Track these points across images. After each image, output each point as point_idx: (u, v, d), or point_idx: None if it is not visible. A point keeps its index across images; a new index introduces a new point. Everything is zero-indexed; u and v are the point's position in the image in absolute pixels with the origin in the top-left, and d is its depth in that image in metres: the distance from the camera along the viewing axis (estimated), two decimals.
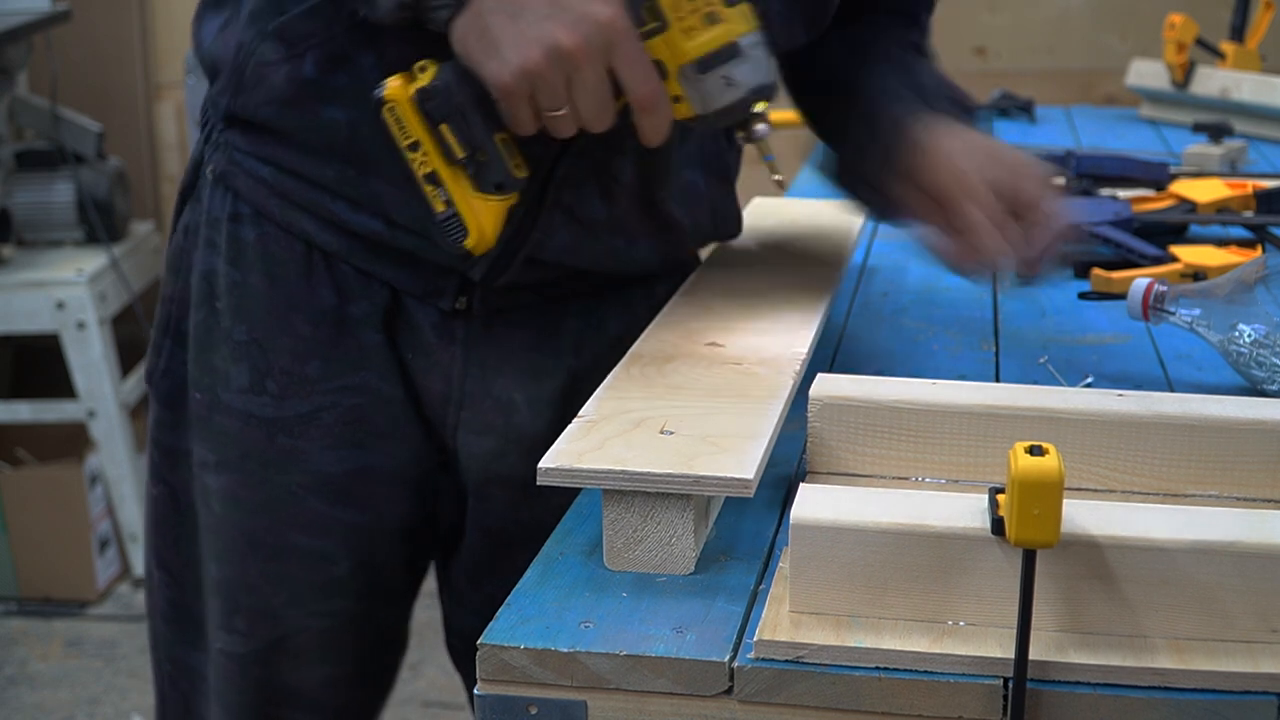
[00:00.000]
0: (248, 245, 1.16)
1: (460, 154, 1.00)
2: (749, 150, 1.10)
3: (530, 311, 1.18)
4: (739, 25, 1.00)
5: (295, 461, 1.17)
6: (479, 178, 1.02)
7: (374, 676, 1.31)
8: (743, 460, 0.85)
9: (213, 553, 1.22)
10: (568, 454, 0.86)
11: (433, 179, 1.01)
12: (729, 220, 1.26)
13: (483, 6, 0.96)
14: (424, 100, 1.00)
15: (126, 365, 3.06)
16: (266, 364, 1.16)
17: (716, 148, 1.20)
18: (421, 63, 1.01)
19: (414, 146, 1.01)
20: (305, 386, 1.16)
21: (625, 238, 1.16)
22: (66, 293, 2.89)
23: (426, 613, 1.55)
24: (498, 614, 0.80)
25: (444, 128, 1.00)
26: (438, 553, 1.31)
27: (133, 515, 3.02)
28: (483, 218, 1.02)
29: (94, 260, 2.98)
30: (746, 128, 1.04)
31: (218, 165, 1.17)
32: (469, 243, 1.03)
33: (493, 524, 1.24)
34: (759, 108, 1.02)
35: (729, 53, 1.00)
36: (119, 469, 2.98)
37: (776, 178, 1.10)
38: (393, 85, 1.00)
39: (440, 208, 1.02)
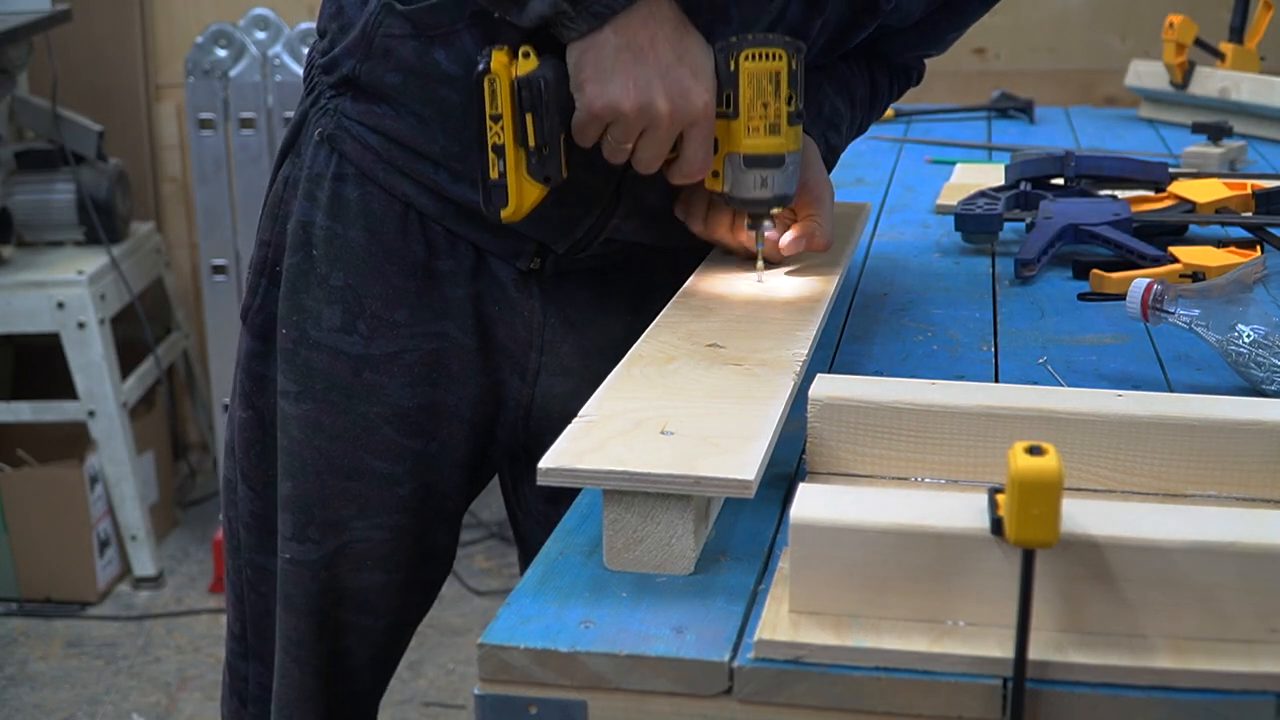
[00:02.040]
0: (350, 202, 1.29)
1: (532, 142, 1.14)
2: None
3: (593, 272, 1.34)
4: (790, 143, 1.16)
5: (376, 394, 1.32)
6: (535, 165, 1.15)
7: (420, 587, 1.45)
8: (743, 461, 0.85)
9: (288, 472, 1.36)
10: (568, 454, 0.86)
11: (499, 150, 1.15)
12: None
13: (610, 40, 1.10)
14: (522, 87, 1.13)
15: (126, 365, 3.06)
16: (360, 307, 1.31)
17: None
18: (525, 47, 1.13)
19: (495, 118, 1.14)
20: (392, 330, 1.31)
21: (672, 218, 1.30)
22: (66, 293, 2.89)
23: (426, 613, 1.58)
24: (498, 614, 0.80)
25: (528, 116, 1.13)
26: (506, 487, 1.50)
27: (133, 515, 3.02)
28: (525, 198, 1.16)
29: (94, 260, 2.98)
30: (758, 223, 1.22)
31: (326, 127, 1.30)
32: (506, 212, 1.16)
33: None
34: (774, 210, 1.20)
35: (774, 161, 1.16)
36: (119, 469, 2.98)
37: (759, 268, 1.24)
38: (499, 61, 1.13)
39: (495, 175, 1.15)
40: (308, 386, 1.33)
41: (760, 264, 1.24)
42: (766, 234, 1.23)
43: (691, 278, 1.25)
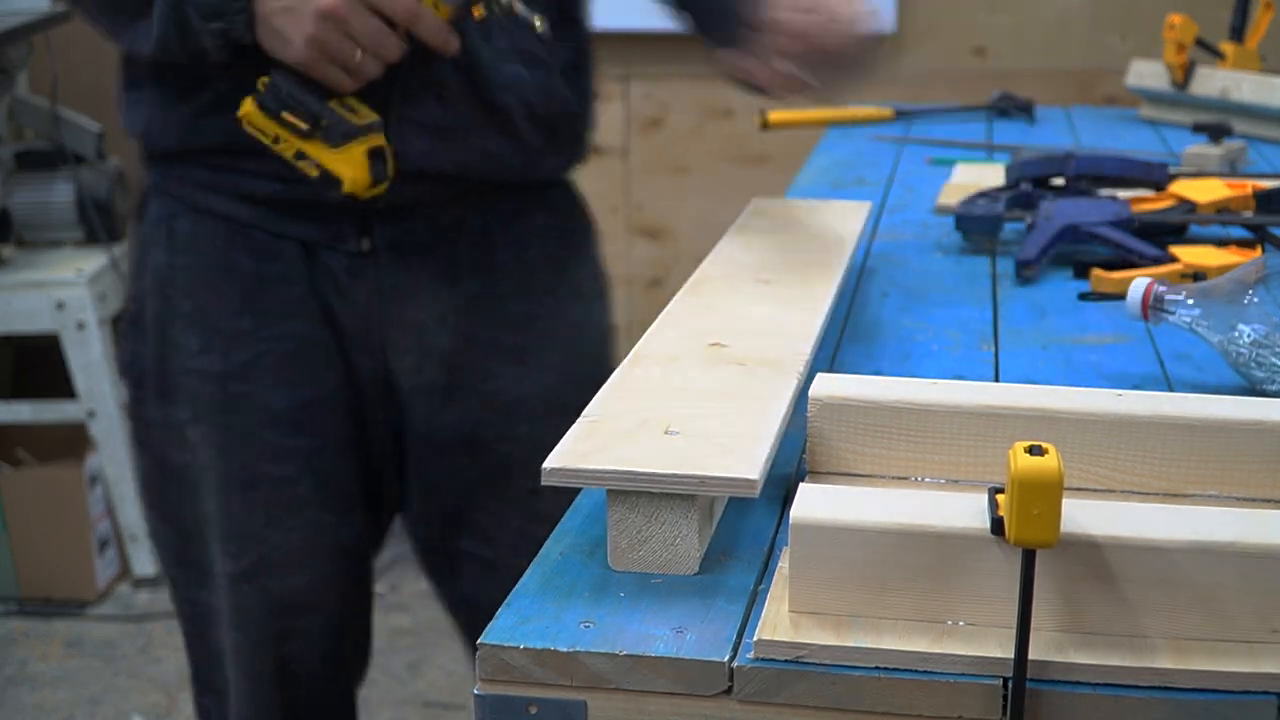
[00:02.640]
0: (180, 234, 1.42)
1: (305, 127, 1.26)
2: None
3: (428, 246, 1.41)
4: None
5: (247, 403, 1.41)
6: (329, 138, 1.26)
7: (349, 581, 1.52)
8: (748, 461, 0.85)
9: (208, 493, 1.44)
10: (572, 454, 0.86)
11: (299, 155, 1.27)
12: (570, 106, 1.44)
13: (265, 11, 1.24)
14: (262, 103, 1.27)
15: None
16: (210, 326, 1.40)
17: (527, 42, 1.38)
18: (261, 79, 1.27)
19: (275, 140, 1.28)
20: (243, 339, 1.40)
21: (474, 135, 1.37)
22: (66, 293, 2.89)
23: (426, 613, 1.59)
24: (497, 614, 0.80)
25: (285, 115, 1.26)
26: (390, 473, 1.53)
27: (133, 515, 3.02)
28: (346, 166, 1.27)
29: (94, 260, 2.98)
30: (495, 3, 1.30)
31: (152, 178, 1.44)
32: (346, 188, 1.27)
33: (422, 428, 1.47)
34: None
35: None
36: (119, 469, 2.98)
37: (536, 21, 1.34)
38: (244, 104, 1.28)
39: (313, 173, 1.28)
40: (195, 412, 1.43)
41: (539, 22, 1.34)
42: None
43: (692, 277, 1.25)
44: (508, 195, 1.44)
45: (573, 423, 0.91)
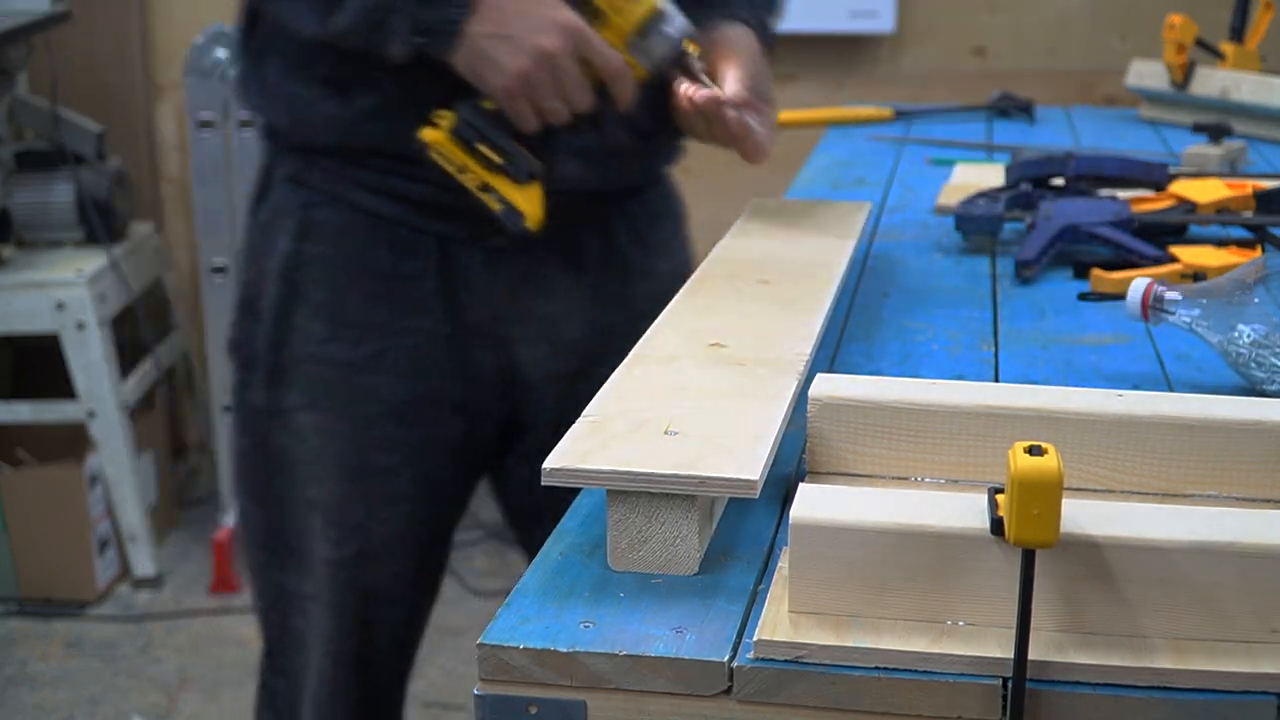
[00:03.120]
0: (319, 224, 1.42)
1: (498, 161, 1.29)
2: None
3: (556, 240, 1.42)
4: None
5: (369, 393, 1.43)
6: (514, 174, 1.30)
7: (429, 573, 1.57)
8: (747, 461, 0.85)
9: (311, 479, 1.47)
10: (572, 454, 0.86)
11: (484, 188, 1.30)
12: (669, 136, 1.50)
13: (475, 33, 1.25)
14: (457, 133, 1.28)
15: (126, 365, 3.06)
16: (341, 317, 1.42)
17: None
18: (439, 112, 1.29)
19: (461, 170, 1.30)
20: (373, 332, 1.42)
21: (622, 158, 1.44)
22: (66, 293, 2.89)
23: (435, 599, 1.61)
24: (497, 614, 0.80)
25: (480, 146, 1.29)
26: (487, 468, 1.59)
27: (133, 515, 3.02)
28: (530, 201, 1.31)
29: (94, 260, 2.98)
30: (689, 68, 1.34)
31: (289, 167, 1.44)
32: (529, 223, 1.31)
33: (551, 417, 1.46)
34: (691, 48, 1.33)
35: (656, 16, 1.32)
36: (119, 469, 2.98)
37: (706, 85, 1.35)
38: (429, 133, 1.29)
39: (497, 207, 1.31)
40: (314, 398, 1.44)
41: (721, 96, 1.34)
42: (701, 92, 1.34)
43: (692, 277, 1.25)
44: (628, 191, 1.51)
45: None
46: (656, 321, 1.12)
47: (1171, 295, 1.15)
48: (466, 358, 1.46)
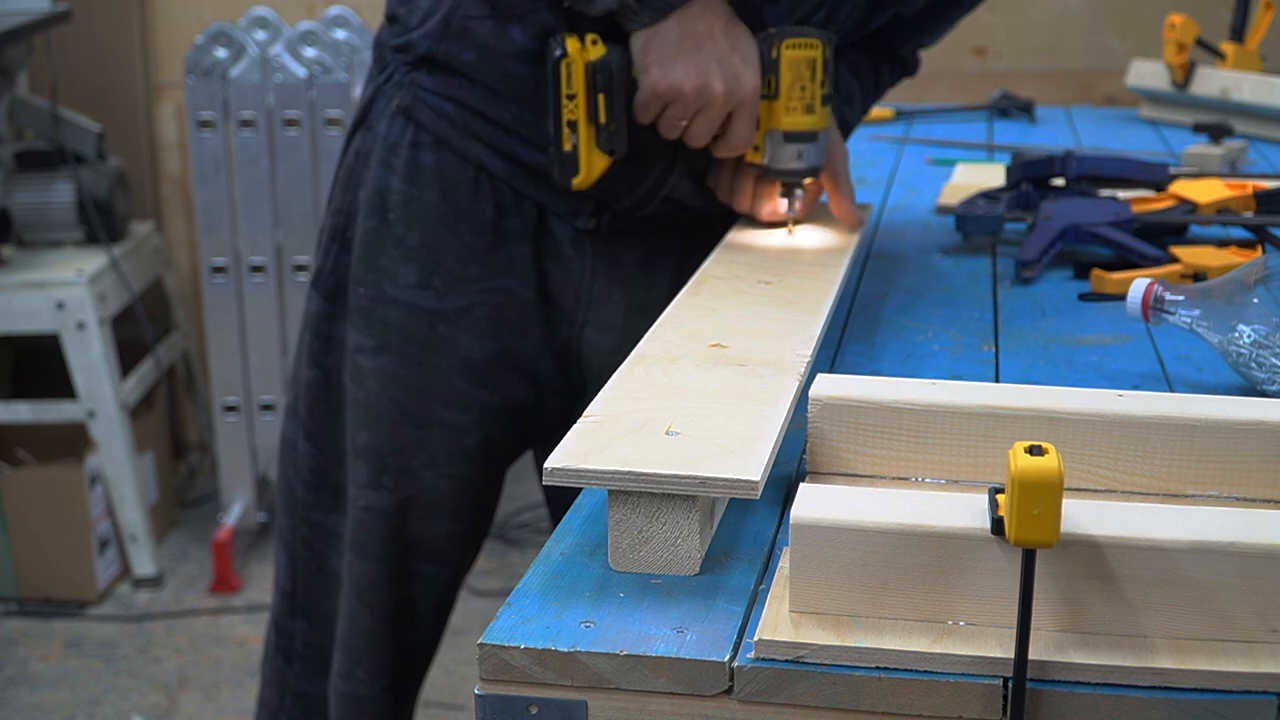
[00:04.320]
0: (425, 167, 1.40)
1: (603, 119, 1.30)
2: None
3: (641, 235, 1.46)
4: (823, 121, 1.34)
5: (449, 346, 1.43)
6: (603, 139, 1.31)
7: (475, 535, 1.55)
8: (749, 461, 0.85)
9: (364, 423, 1.45)
10: (574, 454, 0.86)
11: (572, 125, 1.31)
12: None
13: (672, 30, 1.26)
14: (595, 70, 1.29)
15: (126, 365, 3.06)
16: (435, 264, 1.41)
17: None
18: (592, 35, 1.29)
19: (570, 97, 1.30)
20: (465, 285, 1.41)
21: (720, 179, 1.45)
22: (66, 293, 2.89)
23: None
24: (498, 614, 0.80)
25: (600, 96, 1.29)
26: (539, 444, 1.58)
27: (133, 515, 3.02)
28: (593, 168, 1.33)
29: (94, 260, 2.98)
30: (791, 190, 1.38)
31: (403, 100, 1.41)
32: (577, 180, 1.33)
33: None
34: (806, 181, 1.37)
35: (809, 137, 1.34)
36: (119, 469, 2.98)
37: (790, 229, 1.41)
38: (573, 47, 1.29)
39: (568, 147, 1.32)
40: (384, 341, 1.43)
41: (791, 226, 1.40)
42: (797, 202, 1.40)
43: (693, 277, 1.25)
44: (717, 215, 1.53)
45: None
46: (658, 322, 1.12)
47: (1172, 295, 1.15)
48: (546, 329, 1.46)
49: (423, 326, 1.42)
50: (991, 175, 1.82)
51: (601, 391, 0.97)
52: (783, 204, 1.39)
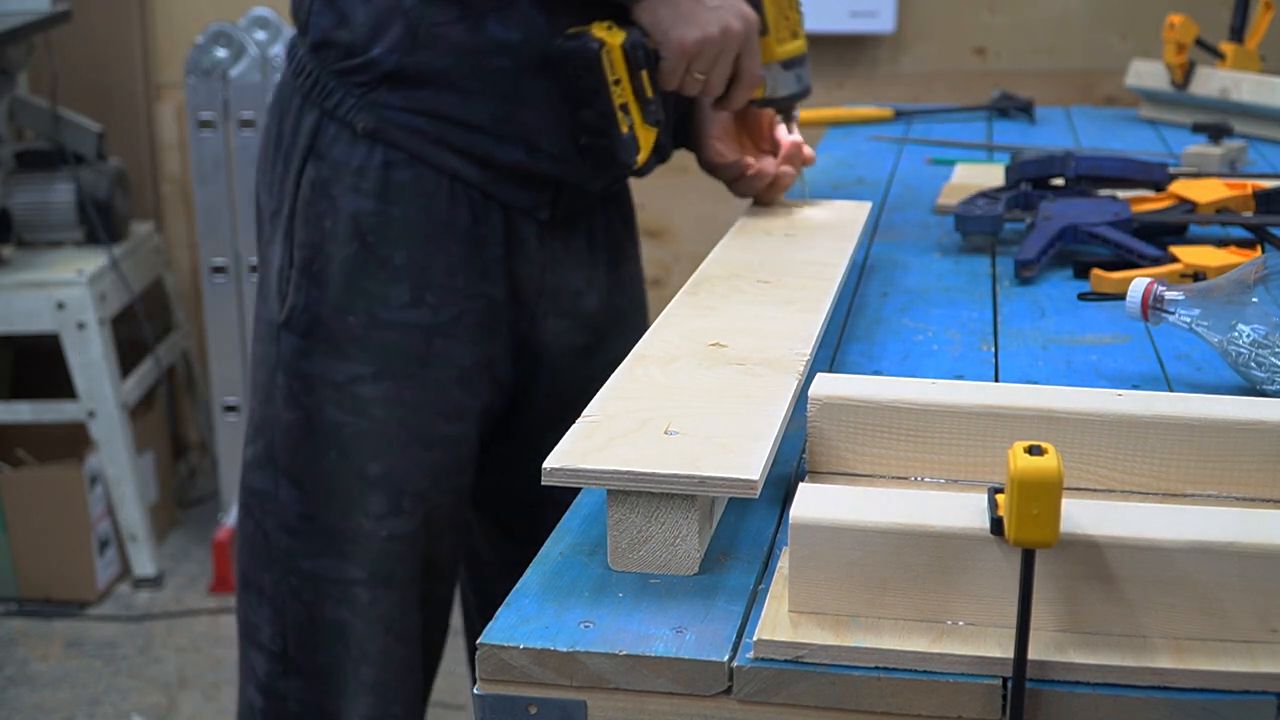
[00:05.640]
0: (402, 185, 1.39)
1: (650, 94, 1.36)
2: None
3: (581, 218, 1.49)
4: (805, 42, 1.45)
5: (445, 358, 1.42)
6: (649, 113, 1.37)
7: (465, 546, 1.59)
8: (748, 461, 0.85)
9: (373, 453, 1.42)
10: (572, 454, 0.86)
11: (625, 109, 1.35)
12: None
13: None
14: (633, 50, 1.33)
15: (126, 365, 3.06)
16: (426, 280, 1.40)
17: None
18: (605, 23, 1.34)
19: (616, 82, 1.34)
20: (454, 295, 1.41)
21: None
22: (66, 293, 2.89)
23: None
24: (497, 614, 0.80)
25: (643, 73, 1.34)
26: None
27: (133, 515, 3.02)
28: (647, 143, 1.38)
29: (94, 260, 2.98)
30: (789, 115, 1.48)
31: (367, 123, 1.38)
32: (639, 158, 1.38)
33: (562, 388, 1.52)
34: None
35: (801, 60, 1.44)
36: (119, 469, 2.98)
37: (795, 133, 1.51)
38: (610, 35, 1.33)
39: (625, 130, 1.36)
40: (384, 366, 1.41)
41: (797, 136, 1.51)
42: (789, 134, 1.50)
43: (692, 277, 1.25)
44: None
45: None
46: (657, 321, 1.12)
47: (1171, 295, 1.15)
48: (510, 329, 1.47)
49: (420, 344, 1.41)
50: (991, 175, 1.82)
51: (600, 391, 0.97)
52: (793, 138, 1.49)
